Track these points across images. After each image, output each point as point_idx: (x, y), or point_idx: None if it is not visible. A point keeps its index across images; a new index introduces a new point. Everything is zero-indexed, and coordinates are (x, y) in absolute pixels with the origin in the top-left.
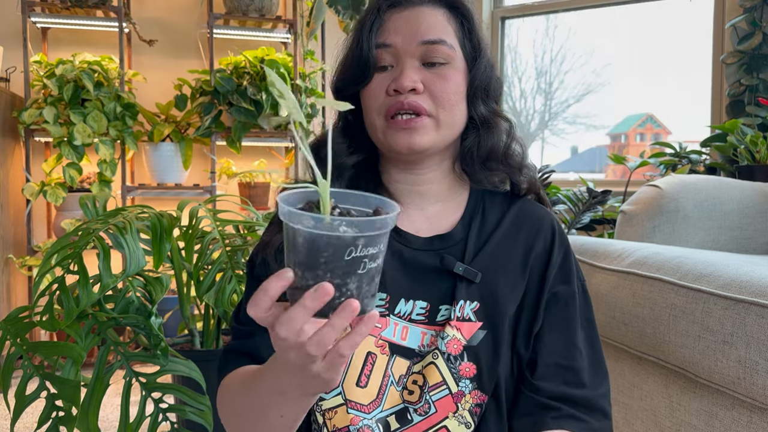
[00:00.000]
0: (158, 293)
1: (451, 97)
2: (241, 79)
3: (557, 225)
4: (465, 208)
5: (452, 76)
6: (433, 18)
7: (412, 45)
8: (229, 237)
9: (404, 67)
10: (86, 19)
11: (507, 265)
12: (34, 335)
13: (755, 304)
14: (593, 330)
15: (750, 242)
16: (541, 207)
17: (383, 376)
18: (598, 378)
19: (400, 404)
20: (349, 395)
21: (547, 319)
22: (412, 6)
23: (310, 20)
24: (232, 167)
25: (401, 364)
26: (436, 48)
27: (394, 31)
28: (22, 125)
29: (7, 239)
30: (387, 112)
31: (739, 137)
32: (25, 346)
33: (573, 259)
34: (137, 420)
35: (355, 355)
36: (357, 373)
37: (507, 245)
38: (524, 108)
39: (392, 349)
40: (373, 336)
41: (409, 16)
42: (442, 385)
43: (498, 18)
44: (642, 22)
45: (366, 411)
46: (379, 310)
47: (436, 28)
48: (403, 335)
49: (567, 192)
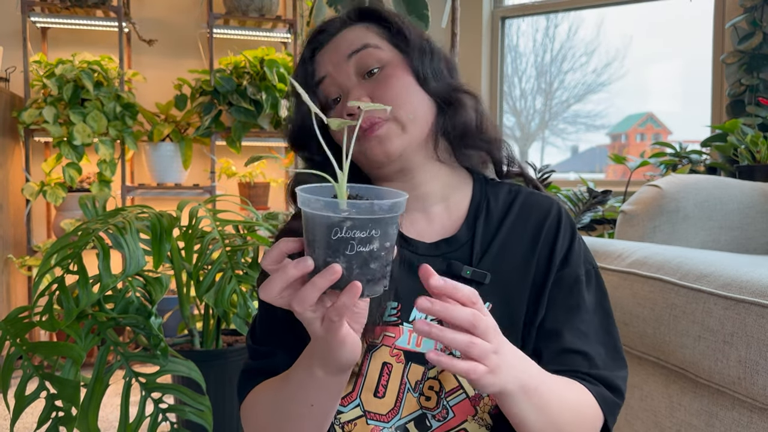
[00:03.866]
0: (158, 293)
1: (401, 94)
2: (241, 79)
3: (563, 212)
4: (469, 206)
5: (393, 75)
6: (352, 33)
7: (341, 64)
8: (229, 237)
9: (347, 90)
10: (86, 18)
11: (515, 261)
12: (33, 335)
13: (756, 304)
14: (609, 318)
15: (750, 242)
16: (546, 196)
17: (400, 384)
18: (616, 363)
19: (417, 410)
20: (368, 406)
21: (552, 305)
22: (332, 36)
23: (310, 20)
24: (231, 167)
25: (417, 371)
26: (363, 55)
27: (326, 63)
28: (21, 125)
29: (7, 239)
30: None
31: (740, 137)
32: (24, 346)
33: (581, 244)
34: (137, 420)
35: (372, 366)
36: (374, 385)
37: (514, 241)
38: (524, 108)
39: (407, 357)
40: (388, 346)
41: (331, 44)
42: (458, 390)
43: (498, 18)
44: (642, 21)
45: (385, 420)
46: (391, 319)
47: (357, 41)
48: (417, 342)
49: (567, 192)
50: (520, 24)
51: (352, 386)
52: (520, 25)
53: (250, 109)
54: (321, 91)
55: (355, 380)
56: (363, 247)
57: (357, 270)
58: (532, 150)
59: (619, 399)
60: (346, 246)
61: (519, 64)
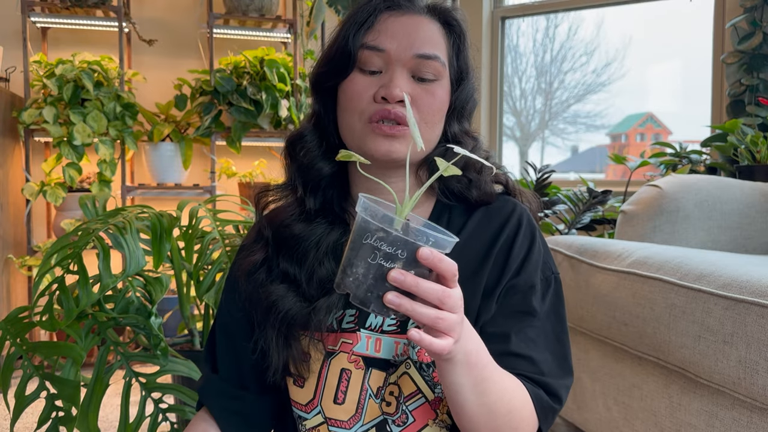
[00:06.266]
0: (158, 293)
1: (435, 114)
2: (241, 79)
3: (526, 217)
4: (429, 216)
5: (439, 94)
6: (430, 31)
7: (406, 55)
8: (229, 237)
9: (395, 76)
10: (86, 18)
11: (469, 267)
12: (33, 335)
13: (755, 304)
14: (562, 325)
15: (750, 242)
16: (510, 201)
17: (360, 390)
18: (562, 371)
19: (379, 416)
20: (329, 413)
21: (501, 310)
22: (411, 13)
23: (309, 20)
24: (231, 167)
25: (378, 377)
26: (429, 63)
27: (389, 36)
28: (21, 125)
29: (7, 239)
30: (370, 118)
31: (740, 137)
32: (24, 346)
33: (539, 251)
34: (137, 420)
35: (330, 373)
36: (333, 392)
37: (470, 247)
38: (524, 108)
39: (367, 363)
40: (345, 353)
41: (406, 22)
42: (417, 394)
43: (498, 18)
44: (642, 21)
45: (347, 426)
46: (348, 326)
47: (432, 42)
48: (376, 347)
49: (567, 192)
50: (520, 24)
51: (313, 393)
52: (520, 25)
53: (250, 109)
54: (363, 53)
55: (315, 387)
56: (384, 261)
57: (371, 282)
58: (532, 150)
59: (556, 405)
60: (370, 253)
61: (519, 64)
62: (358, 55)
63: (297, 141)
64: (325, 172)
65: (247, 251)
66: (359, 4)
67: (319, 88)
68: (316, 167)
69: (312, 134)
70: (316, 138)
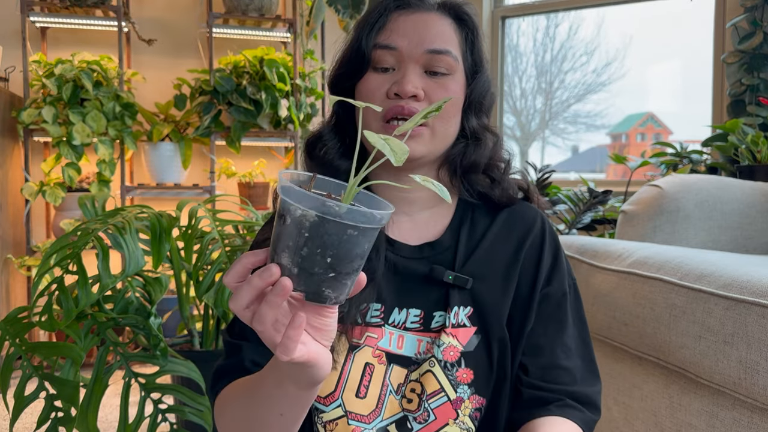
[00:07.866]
0: (157, 293)
1: (450, 108)
2: (241, 79)
3: (548, 225)
4: (453, 215)
5: (453, 88)
6: (441, 26)
7: (417, 51)
8: (229, 237)
9: (407, 71)
10: (85, 18)
11: (498, 269)
12: (33, 335)
13: (756, 304)
14: (585, 328)
15: (751, 242)
16: (532, 207)
17: (381, 386)
18: (593, 376)
19: (399, 413)
20: (349, 407)
21: (539, 320)
22: (421, 11)
23: (309, 19)
24: (231, 167)
25: (399, 373)
26: (441, 58)
27: (401, 34)
28: (21, 125)
29: (6, 239)
30: (384, 115)
31: (740, 137)
32: (24, 346)
33: (564, 258)
34: (136, 420)
35: (354, 366)
36: (356, 385)
37: (497, 249)
38: (525, 107)
39: (389, 359)
40: (370, 347)
41: (417, 20)
42: (440, 393)
43: (498, 17)
44: (642, 21)
45: (366, 421)
46: (374, 320)
47: (443, 38)
48: (399, 344)
49: (568, 192)
50: (520, 23)
51: (334, 386)
52: (520, 25)
53: (249, 108)
54: (377, 52)
55: (338, 380)
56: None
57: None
58: (532, 150)
59: (596, 416)
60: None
61: (519, 63)
62: (371, 55)
63: (317, 141)
64: (342, 170)
65: (264, 244)
66: (372, 5)
67: (337, 89)
68: (334, 165)
69: (330, 134)
70: (334, 138)
